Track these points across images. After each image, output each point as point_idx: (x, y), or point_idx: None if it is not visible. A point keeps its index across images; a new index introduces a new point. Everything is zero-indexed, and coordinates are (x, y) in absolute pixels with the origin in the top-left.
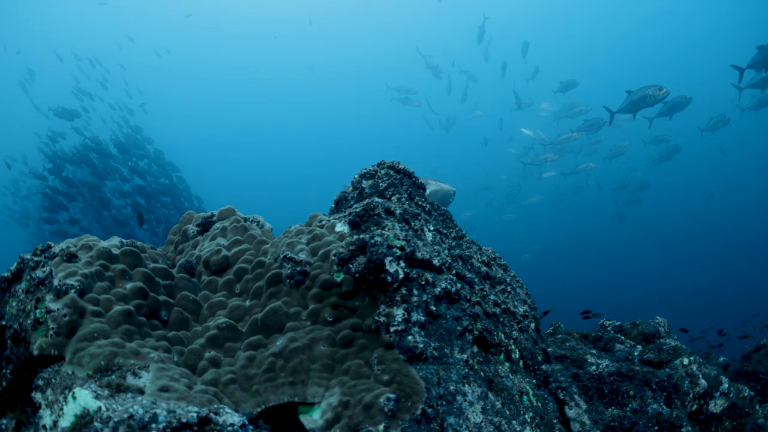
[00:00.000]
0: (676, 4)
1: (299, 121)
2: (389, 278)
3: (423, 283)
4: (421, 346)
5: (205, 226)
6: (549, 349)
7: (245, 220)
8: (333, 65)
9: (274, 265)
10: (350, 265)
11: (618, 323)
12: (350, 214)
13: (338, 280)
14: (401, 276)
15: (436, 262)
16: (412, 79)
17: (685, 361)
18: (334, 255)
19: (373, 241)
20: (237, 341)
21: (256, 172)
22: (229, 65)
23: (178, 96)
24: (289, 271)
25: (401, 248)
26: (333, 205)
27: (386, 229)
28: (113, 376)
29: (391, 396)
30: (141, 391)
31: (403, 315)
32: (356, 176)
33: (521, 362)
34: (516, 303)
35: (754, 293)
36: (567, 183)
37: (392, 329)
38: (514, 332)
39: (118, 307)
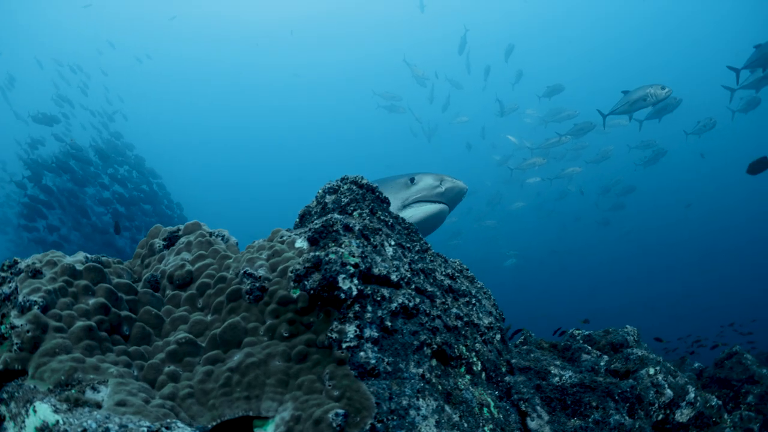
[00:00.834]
0: (662, 8)
1: (284, 126)
2: (342, 295)
3: (378, 299)
4: (373, 361)
5: (171, 240)
6: (513, 361)
7: (210, 234)
8: (317, 71)
9: (235, 281)
10: (306, 282)
11: (587, 333)
12: (310, 230)
13: (294, 296)
14: (355, 293)
15: (393, 277)
16: (396, 86)
17: (651, 371)
18: (291, 271)
19: (327, 258)
20: (196, 356)
21: (239, 177)
22: (212, 70)
23: (159, 102)
24: (248, 287)
25: (355, 265)
26: (297, 219)
27: (343, 245)
28: (73, 391)
29: (340, 411)
30: (99, 405)
31: (355, 331)
32: (320, 191)
33: (483, 374)
34: (481, 315)
35: (736, 298)
36: (550, 188)
37: (344, 345)
38: (477, 344)
39: (79, 323)
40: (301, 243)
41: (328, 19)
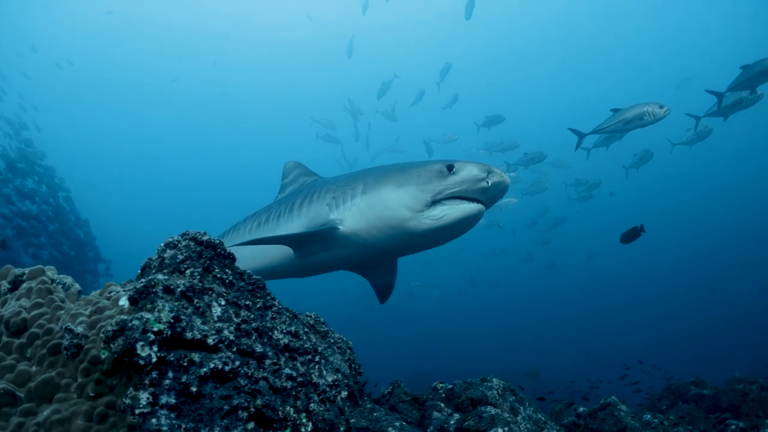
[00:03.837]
0: (607, 38)
1: (210, 142)
2: (142, 362)
3: (185, 364)
4: (165, 428)
5: (15, 284)
6: (352, 420)
7: (52, 281)
8: (248, 91)
9: (59, 334)
10: (112, 345)
11: (450, 386)
12: (133, 288)
13: (103, 357)
14: (154, 360)
15: (210, 340)
16: (326, 116)
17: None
18: (103, 332)
19: (131, 324)
20: (14, 407)
21: (160, 194)
22: (138, 79)
23: (78, 110)
24: (67, 343)
25: (158, 332)
26: (139, 271)
27: (155, 310)
28: None
29: None
30: None
31: (148, 398)
32: (162, 245)
33: None
34: (324, 372)
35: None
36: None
37: (137, 411)
38: (311, 404)
39: None
40: (123, 301)
41: (263, 41)
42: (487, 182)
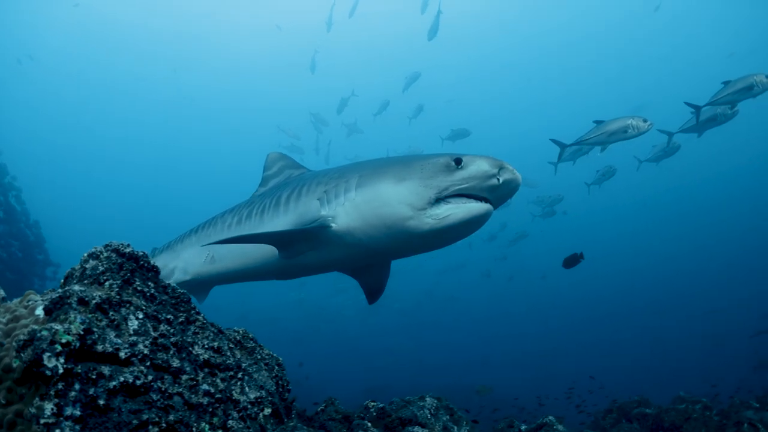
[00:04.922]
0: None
1: (173, 147)
2: (48, 372)
3: (93, 377)
4: None
5: None
6: None
7: None
8: (215, 95)
9: None
10: (22, 354)
11: (382, 405)
12: (49, 299)
13: (14, 366)
14: (61, 371)
15: (122, 354)
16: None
17: None
18: (16, 341)
19: (39, 335)
20: None
21: (123, 196)
22: (100, 78)
23: (37, 108)
24: None
25: (66, 344)
26: (62, 280)
27: (66, 321)
28: None
29: None
30: None
31: (53, 409)
32: (85, 255)
33: None
34: (247, 389)
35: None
36: None
37: (42, 421)
38: (230, 421)
39: None
40: (39, 311)
41: (230, 47)
42: (498, 179)
